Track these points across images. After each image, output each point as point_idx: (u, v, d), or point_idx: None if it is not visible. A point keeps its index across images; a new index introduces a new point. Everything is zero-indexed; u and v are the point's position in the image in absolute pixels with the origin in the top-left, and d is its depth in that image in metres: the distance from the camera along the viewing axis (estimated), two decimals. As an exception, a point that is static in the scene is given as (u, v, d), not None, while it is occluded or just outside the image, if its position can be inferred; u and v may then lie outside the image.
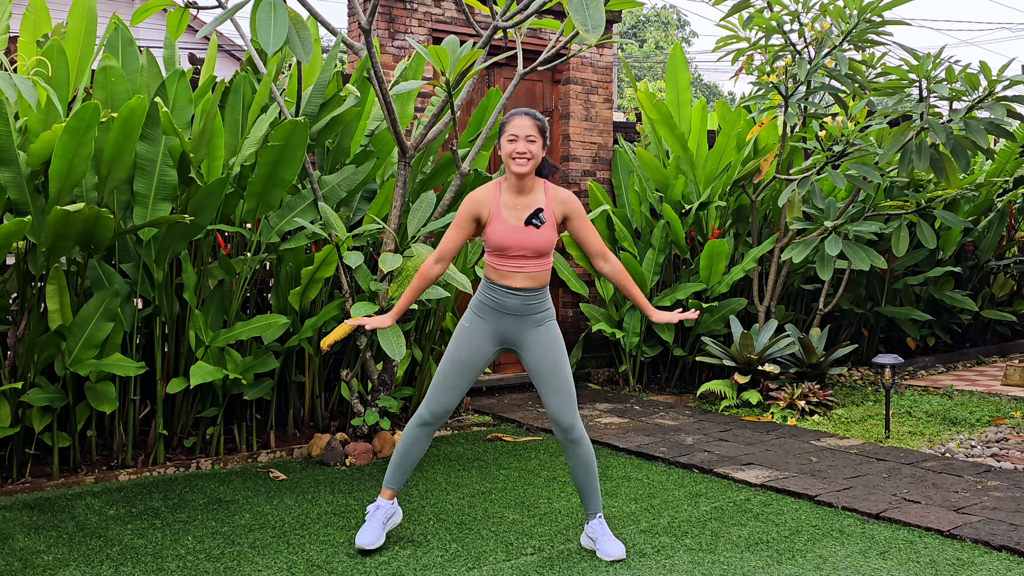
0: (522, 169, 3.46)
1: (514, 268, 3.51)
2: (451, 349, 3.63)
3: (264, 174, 4.84)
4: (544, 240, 3.50)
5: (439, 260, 3.63)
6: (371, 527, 3.66)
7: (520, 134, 3.46)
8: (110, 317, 4.62)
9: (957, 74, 5.96)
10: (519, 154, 3.45)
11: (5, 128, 4.24)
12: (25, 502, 4.29)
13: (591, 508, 3.67)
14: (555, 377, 3.58)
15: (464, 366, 3.60)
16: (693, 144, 7.17)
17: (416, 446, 3.67)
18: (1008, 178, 8.35)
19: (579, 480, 3.66)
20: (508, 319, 3.57)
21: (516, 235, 3.48)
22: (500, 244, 3.49)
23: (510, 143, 3.46)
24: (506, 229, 3.48)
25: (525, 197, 3.52)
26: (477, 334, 3.60)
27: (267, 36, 3.75)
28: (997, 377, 7.74)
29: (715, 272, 6.91)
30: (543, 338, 3.59)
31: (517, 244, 3.48)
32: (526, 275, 3.52)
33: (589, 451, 3.63)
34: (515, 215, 3.50)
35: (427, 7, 6.82)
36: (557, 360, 3.59)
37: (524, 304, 3.55)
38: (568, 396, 3.58)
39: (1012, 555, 3.56)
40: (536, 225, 3.48)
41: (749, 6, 6.46)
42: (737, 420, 6.09)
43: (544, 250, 3.51)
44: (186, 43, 16.09)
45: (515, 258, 3.50)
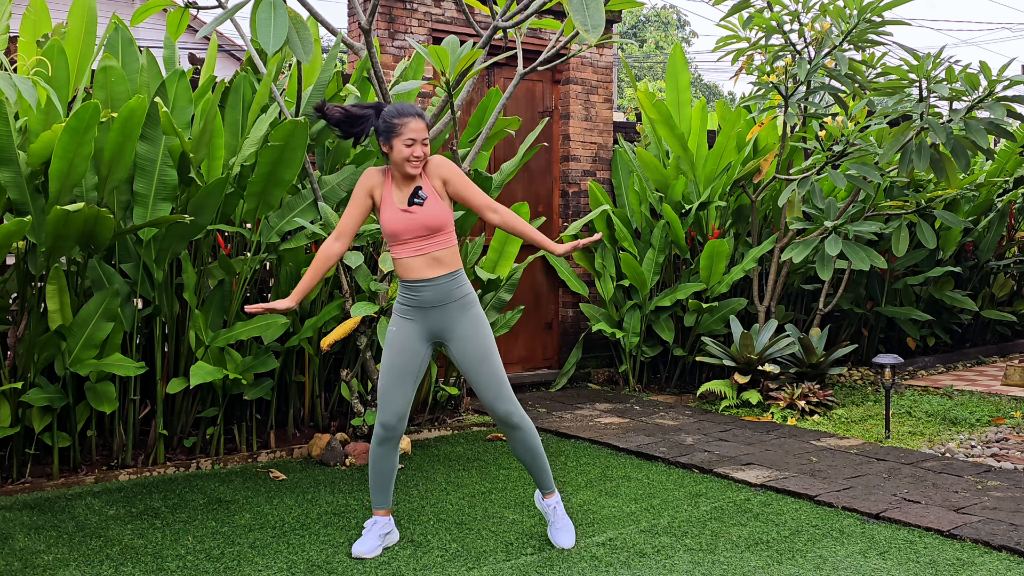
0: (415, 171, 3.49)
1: (413, 252, 3.50)
2: (386, 359, 3.61)
3: (264, 174, 4.84)
4: (433, 215, 3.48)
5: (338, 237, 3.61)
6: (368, 538, 3.65)
7: (418, 138, 3.47)
8: (110, 317, 4.62)
9: (957, 74, 5.96)
10: (416, 158, 3.47)
11: (5, 128, 4.24)
12: (25, 502, 4.29)
13: (544, 487, 3.74)
14: (484, 366, 3.57)
15: (401, 371, 3.58)
16: (693, 144, 7.17)
17: (384, 463, 3.65)
18: (1008, 178, 8.35)
19: (527, 463, 3.69)
20: (432, 313, 3.55)
21: (404, 217, 3.48)
22: (393, 230, 3.50)
23: (407, 147, 3.46)
24: (394, 214, 3.49)
25: (409, 184, 3.54)
26: (406, 336, 3.59)
27: (267, 36, 3.75)
28: (997, 377, 7.74)
29: (715, 272, 6.90)
30: (469, 327, 3.57)
31: (407, 226, 3.48)
32: (427, 257, 3.50)
33: (531, 433, 3.64)
34: (402, 198, 3.52)
35: (427, 7, 6.82)
36: (484, 349, 3.58)
37: (441, 293, 3.53)
38: (500, 384, 3.58)
39: (1012, 555, 3.56)
40: (419, 203, 3.48)
41: (749, 6, 6.46)
42: (737, 420, 6.09)
43: (436, 225, 3.49)
44: (186, 43, 16.09)
45: (410, 241, 3.50)
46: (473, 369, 3.57)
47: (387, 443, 3.62)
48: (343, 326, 4.95)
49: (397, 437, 3.62)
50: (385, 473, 3.66)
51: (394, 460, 3.66)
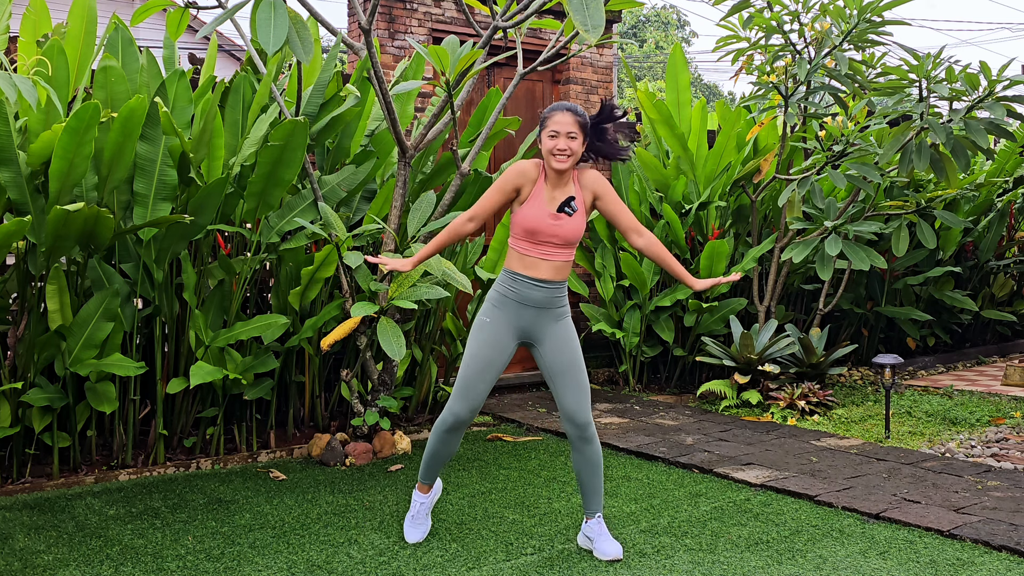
0: (562, 166, 3.44)
1: (541, 255, 3.49)
2: (472, 347, 3.57)
3: (264, 174, 4.84)
4: (574, 229, 3.48)
5: (472, 218, 3.57)
6: (418, 522, 3.76)
7: (561, 130, 3.43)
8: (110, 317, 4.62)
9: (957, 74, 5.96)
10: (560, 151, 3.43)
11: (5, 128, 4.24)
12: (25, 502, 4.29)
13: (592, 508, 3.66)
14: (572, 373, 3.55)
15: (487, 364, 3.55)
16: (693, 144, 7.17)
17: (445, 448, 3.68)
18: (1008, 178, 8.35)
19: (584, 480, 3.64)
20: (529, 312, 3.54)
21: (548, 221, 3.45)
22: (531, 227, 3.46)
23: (551, 139, 3.44)
24: (539, 213, 3.45)
25: (561, 188, 3.51)
26: (498, 329, 3.55)
27: (267, 36, 3.75)
28: (997, 377, 7.74)
29: (715, 272, 6.90)
30: (561, 333, 3.57)
31: (548, 230, 3.46)
32: (552, 264, 3.49)
33: (598, 451, 3.62)
34: (551, 200, 3.48)
35: (427, 7, 6.82)
36: (574, 356, 3.57)
37: (547, 297, 3.52)
38: (585, 393, 3.57)
39: (1012, 555, 3.56)
40: (568, 213, 3.46)
41: (749, 6, 6.46)
42: (737, 420, 6.09)
43: (573, 239, 3.50)
44: (186, 43, 16.09)
45: (543, 244, 3.48)
46: (562, 374, 3.55)
47: (456, 431, 3.63)
48: (343, 326, 4.95)
49: (465, 427, 3.63)
50: (442, 457, 3.72)
51: (455, 448, 3.70)
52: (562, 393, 3.57)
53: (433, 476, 3.79)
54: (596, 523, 3.64)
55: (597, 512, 3.66)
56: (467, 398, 3.57)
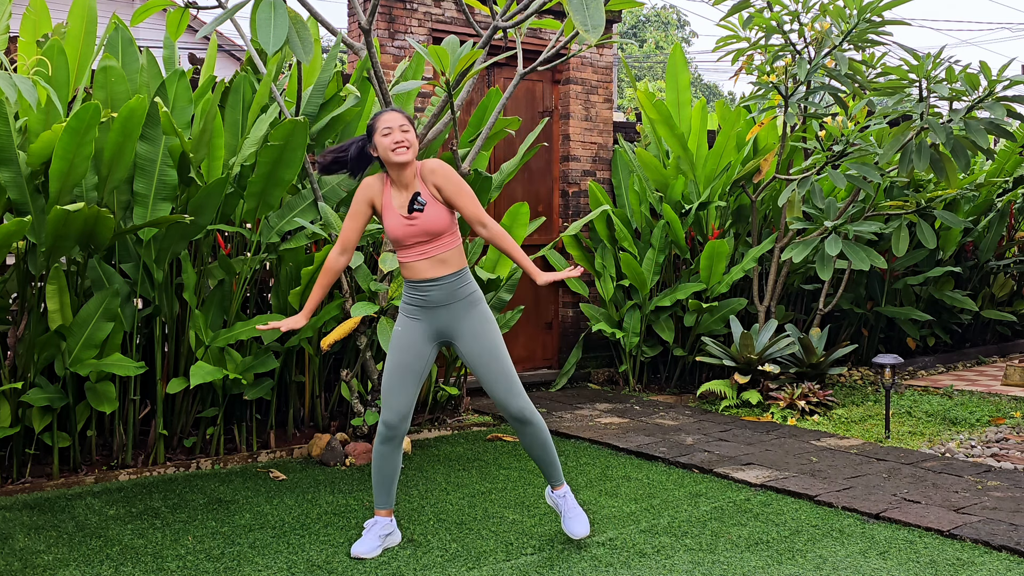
0: (403, 157, 3.47)
1: (417, 256, 3.52)
2: (389, 356, 3.64)
3: (264, 174, 4.84)
4: (433, 221, 3.49)
5: (343, 251, 3.64)
6: (368, 539, 3.65)
7: (394, 125, 3.49)
8: (110, 317, 4.62)
9: (957, 74, 5.96)
10: (397, 143, 3.47)
11: (5, 128, 4.24)
12: (25, 502, 4.29)
13: (554, 480, 3.73)
14: (493, 362, 3.58)
15: (405, 370, 3.60)
16: (693, 144, 7.17)
17: (386, 463, 3.65)
18: (1008, 178, 8.35)
19: (538, 458, 3.69)
20: (439, 312, 3.57)
21: (405, 223, 3.50)
22: (396, 236, 3.52)
23: (386, 136, 3.48)
24: (396, 220, 3.51)
25: (408, 188, 3.54)
26: (412, 335, 3.60)
27: (267, 36, 3.75)
28: (997, 377, 7.74)
29: (715, 272, 6.90)
30: (476, 325, 3.58)
31: (409, 232, 3.50)
32: (432, 260, 3.52)
33: (542, 428, 3.64)
34: (401, 204, 3.53)
35: (427, 7, 6.82)
36: (493, 345, 3.59)
37: (447, 292, 3.54)
38: (510, 379, 3.59)
39: (1012, 555, 3.56)
40: (419, 209, 3.49)
41: (749, 6, 6.46)
42: (737, 420, 6.09)
43: (437, 230, 3.50)
44: (186, 43, 16.09)
45: (414, 246, 3.52)
46: (483, 366, 3.58)
47: (390, 442, 3.62)
48: (343, 326, 4.95)
49: (400, 436, 3.62)
50: (388, 473, 3.66)
51: (397, 460, 3.67)
52: (488, 382, 3.59)
53: (386, 498, 3.68)
54: (563, 496, 3.71)
55: (561, 482, 3.72)
56: (391, 405, 3.60)
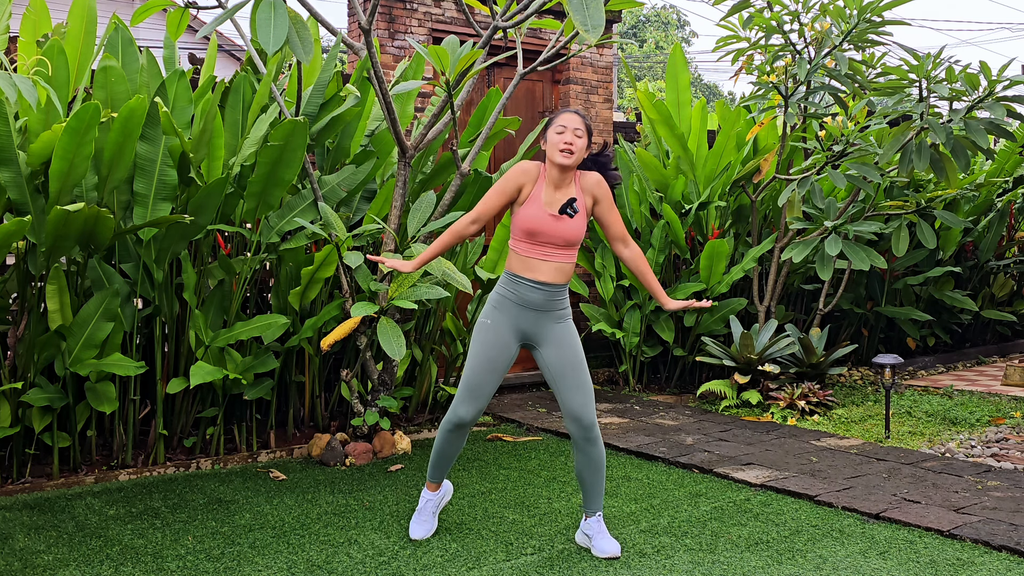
0: (566, 160, 3.46)
1: (541, 256, 3.50)
2: (476, 349, 3.59)
3: (264, 174, 4.84)
4: (575, 230, 3.51)
5: (475, 221, 3.62)
6: (423, 519, 3.77)
7: (569, 126, 3.48)
8: (110, 317, 4.62)
9: (957, 74, 5.96)
10: (566, 144, 3.46)
11: (5, 128, 4.24)
12: (25, 502, 4.29)
13: (592, 507, 3.67)
14: (576, 374, 3.56)
15: (490, 365, 3.58)
16: (693, 144, 7.17)
17: (450, 447, 3.72)
18: (1008, 178, 8.35)
19: (586, 479, 3.64)
20: (529, 314, 3.55)
21: (549, 221, 3.47)
22: (532, 228, 3.48)
23: (558, 134, 3.48)
24: (539, 214, 3.48)
25: (562, 190, 3.53)
26: (499, 330, 3.57)
27: (267, 36, 3.75)
28: (997, 377, 7.74)
29: (715, 272, 6.90)
30: (563, 334, 3.58)
31: (549, 231, 3.48)
32: (552, 266, 3.51)
33: (602, 452, 3.62)
34: (550, 202, 3.50)
35: (427, 7, 6.82)
36: (576, 357, 3.58)
37: (547, 300, 3.54)
38: (588, 394, 3.57)
39: (1012, 555, 3.56)
40: (570, 215, 3.48)
41: (749, 6, 6.46)
42: (737, 420, 6.09)
43: (574, 240, 3.52)
44: (186, 43, 16.09)
45: (544, 245, 3.50)
46: (566, 375, 3.56)
47: (460, 430, 3.66)
48: (343, 326, 4.95)
49: (469, 428, 3.67)
50: (450, 453, 3.75)
51: (460, 446, 3.74)
52: (566, 395, 3.57)
53: (440, 474, 3.83)
54: (595, 521, 3.65)
55: (597, 511, 3.67)
56: (472, 400, 3.59)
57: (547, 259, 3.51)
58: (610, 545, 3.58)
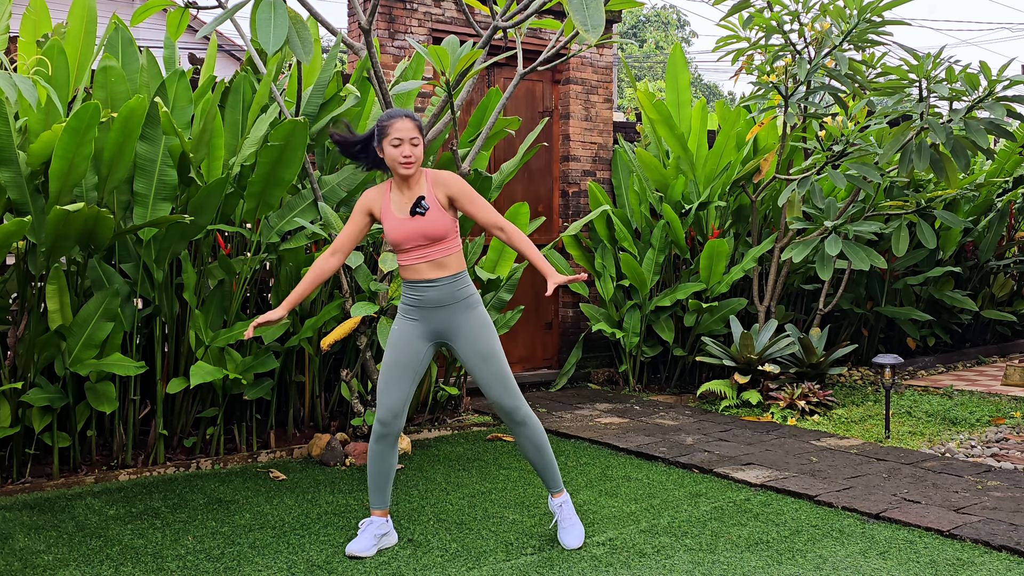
0: (409, 171, 3.51)
1: (416, 259, 3.55)
2: (385, 354, 3.67)
3: (264, 174, 4.84)
4: (434, 225, 3.52)
5: (334, 252, 3.67)
6: (363, 538, 3.65)
7: (405, 137, 3.48)
8: (110, 317, 4.62)
9: (957, 74, 5.96)
10: (405, 158, 3.48)
11: (5, 128, 4.24)
12: (25, 502, 4.29)
13: (552, 487, 3.72)
14: (489, 363, 3.59)
15: (400, 367, 3.62)
16: (693, 144, 7.17)
17: (381, 461, 3.65)
18: (1008, 178, 8.35)
19: (533, 461, 3.69)
20: (435, 313, 3.59)
21: (406, 226, 3.52)
22: (395, 239, 3.55)
23: (396, 147, 3.49)
24: (396, 223, 3.53)
25: (411, 190, 3.56)
26: (409, 334, 3.63)
27: (267, 36, 3.75)
28: (997, 377, 7.74)
29: (715, 272, 6.90)
30: (472, 327, 3.60)
31: (409, 235, 3.52)
32: (431, 263, 3.55)
33: (538, 430, 3.65)
34: (402, 208, 3.55)
35: (427, 7, 6.82)
36: (489, 347, 3.60)
37: (445, 293, 3.57)
38: (505, 379, 3.60)
39: (1012, 555, 3.56)
40: (421, 213, 3.51)
41: (749, 6, 6.46)
42: (737, 420, 6.09)
43: (437, 235, 3.53)
44: (186, 43, 16.09)
45: (413, 249, 3.54)
46: (478, 367, 3.60)
47: (384, 440, 3.63)
48: (343, 326, 4.95)
49: (394, 434, 3.63)
50: (383, 471, 3.66)
51: (392, 459, 3.66)
52: (484, 383, 3.62)
53: (381, 499, 3.69)
54: (560, 505, 3.70)
55: (560, 489, 3.71)
56: (384, 402, 3.61)
57: (423, 259, 3.55)
58: (572, 537, 3.66)
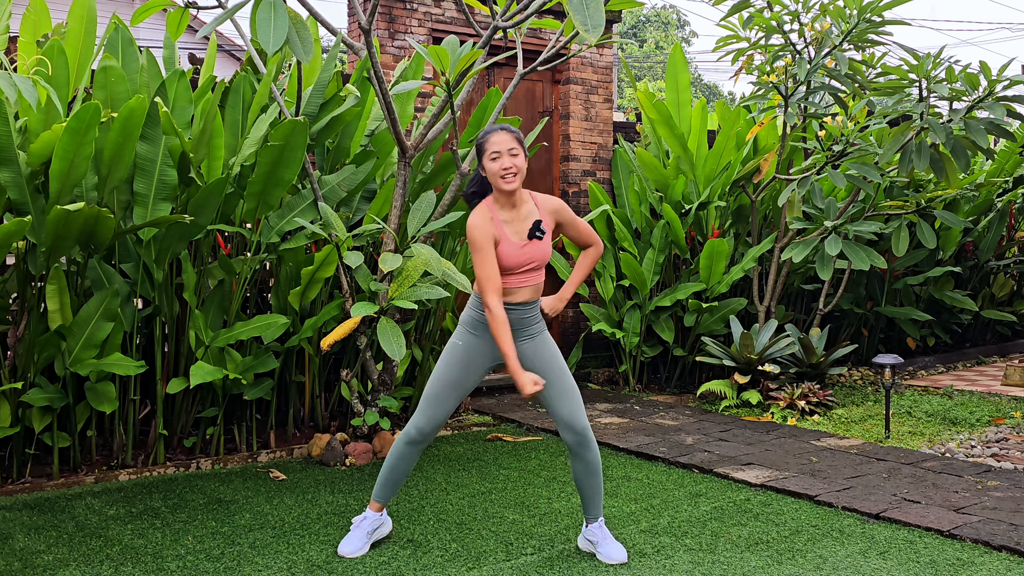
0: (512, 185, 3.40)
1: (520, 283, 3.49)
2: (442, 367, 3.58)
3: (264, 174, 4.84)
4: (546, 251, 3.51)
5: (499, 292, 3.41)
6: (355, 536, 3.64)
7: (503, 149, 3.39)
8: (110, 317, 4.62)
9: (957, 74, 5.96)
10: (505, 170, 3.39)
11: (5, 128, 4.24)
12: (25, 502, 4.29)
13: (592, 512, 3.64)
14: (561, 382, 3.54)
15: (456, 385, 3.56)
16: (693, 144, 7.17)
17: (404, 463, 3.64)
18: (1008, 178, 8.35)
19: (584, 485, 3.61)
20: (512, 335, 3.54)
21: (525, 251, 3.45)
22: (509, 264, 3.44)
23: (494, 161, 3.40)
24: (512, 248, 3.43)
25: (518, 210, 3.48)
26: (471, 352, 3.56)
27: (267, 36, 3.75)
28: (997, 377, 7.74)
29: (715, 272, 6.90)
30: (542, 347, 3.56)
31: (527, 260, 3.46)
32: (530, 288, 3.51)
33: (597, 455, 3.59)
34: (516, 232, 3.46)
35: (427, 7, 6.82)
36: (558, 363, 3.57)
37: (523, 317, 3.53)
38: (576, 399, 3.55)
39: (1012, 555, 3.56)
40: (539, 237, 3.47)
41: (749, 6, 6.46)
42: (737, 420, 6.09)
43: (546, 260, 3.53)
44: (186, 43, 16.09)
45: (523, 273, 3.49)
46: (550, 385, 3.53)
47: (416, 445, 3.60)
48: (343, 326, 4.95)
49: (427, 443, 3.62)
50: (401, 471, 3.66)
51: (414, 463, 3.67)
52: (555, 403, 3.54)
53: (388, 494, 3.69)
54: (598, 527, 3.63)
55: (598, 516, 3.65)
56: (432, 415, 3.56)
57: (525, 284, 3.51)
58: (617, 552, 3.55)
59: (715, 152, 7.13)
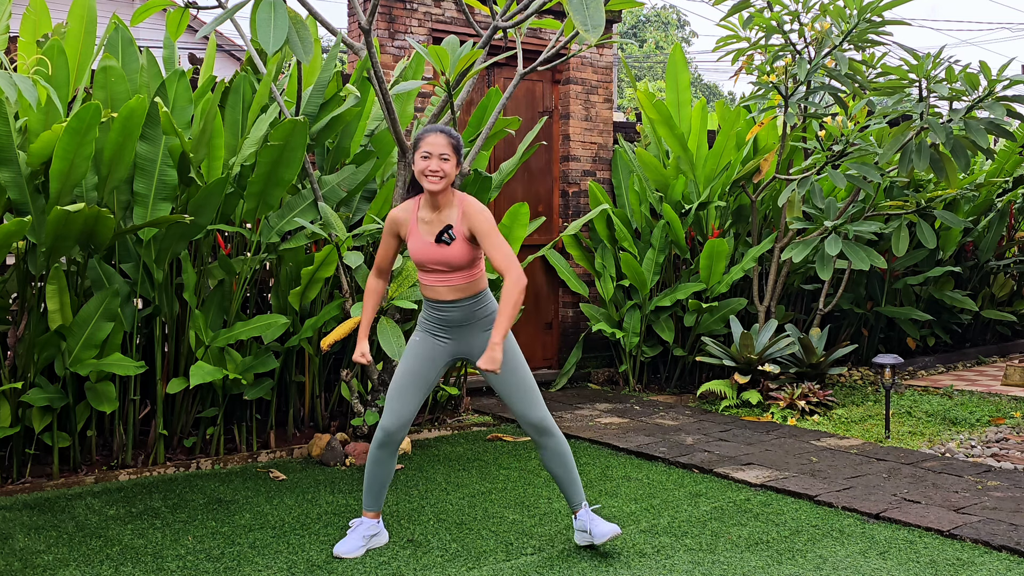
0: (435, 187, 3.44)
1: (436, 281, 3.54)
2: (402, 362, 3.65)
3: (264, 174, 4.84)
4: (455, 256, 3.47)
5: (379, 274, 3.71)
6: (352, 539, 3.65)
7: (434, 152, 3.43)
8: (110, 317, 4.62)
9: (957, 74, 5.96)
10: (432, 172, 3.43)
11: (5, 128, 4.24)
12: (25, 502, 4.29)
13: (575, 500, 3.67)
14: (512, 376, 3.56)
15: (415, 377, 3.60)
16: (693, 144, 7.17)
17: (380, 467, 3.65)
18: (1008, 178, 8.35)
19: (557, 475, 3.65)
20: (454, 331, 3.59)
21: (429, 250, 3.49)
22: (417, 260, 3.53)
23: (423, 160, 3.44)
24: (420, 245, 3.50)
25: (440, 212, 3.50)
26: (429, 347, 3.62)
27: (267, 36, 3.75)
28: (997, 377, 7.74)
29: (715, 272, 6.90)
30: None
31: (431, 259, 3.49)
32: (451, 287, 3.53)
33: (562, 441, 3.62)
34: (429, 230, 3.50)
35: (427, 7, 6.82)
36: (511, 360, 3.57)
37: (466, 314, 3.56)
38: (530, 391, 3.58)
39: (1012, 555, 3.56)
40: (446, 242, 3.47)
41: (749, 6, 6.46)
42: (737, 420, 6.09)
43: (457, 265, 3.49)
44: (186, 43, 16.10)
45: (434, 272, 3.52)
46: (503, 380, 3.56)
47: (386, 447, 3.62)
48: (343, 326, 4.95)
49: (397, 442, 3.63)
50: (381, 476, 3.67)
51: (391, 465, 3.67)
52: (508, 398, 3.58)
53: (375, 501, 3.70)
54: (585, 513, 3.65)
55: (582, 502, 3.66)
56: (394, 410, 3.59)
57: (442, 283, 3.53)
58: (608, 527, 3.57)
59: (715, 152, 7.13)
